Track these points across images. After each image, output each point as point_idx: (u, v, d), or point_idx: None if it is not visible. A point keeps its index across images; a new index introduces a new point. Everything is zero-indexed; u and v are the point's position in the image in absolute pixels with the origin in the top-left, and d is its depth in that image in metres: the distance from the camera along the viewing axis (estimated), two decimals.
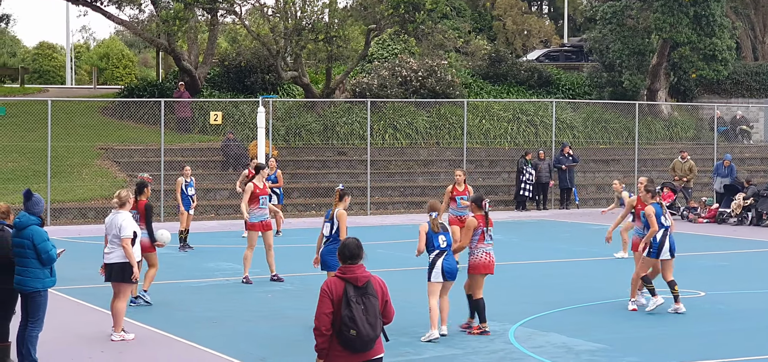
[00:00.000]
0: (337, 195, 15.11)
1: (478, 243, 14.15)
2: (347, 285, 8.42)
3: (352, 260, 8.51)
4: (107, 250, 13.94)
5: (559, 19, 66.10)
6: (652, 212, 15.87)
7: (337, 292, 8.43)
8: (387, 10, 36.35)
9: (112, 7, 39.60)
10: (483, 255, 14.17)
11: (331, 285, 8.48)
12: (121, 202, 14.06)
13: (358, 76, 39.82)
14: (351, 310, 8.33)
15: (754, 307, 16.87)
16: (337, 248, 8.69)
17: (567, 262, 22.55)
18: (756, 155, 42.38)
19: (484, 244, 14.17)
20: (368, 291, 8.46)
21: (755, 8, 49.98)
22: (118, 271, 13.80)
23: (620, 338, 14.28)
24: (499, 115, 39.29)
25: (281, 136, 35.74)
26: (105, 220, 14.28)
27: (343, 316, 8.35)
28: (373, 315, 8.42)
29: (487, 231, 14.17)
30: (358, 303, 8.37)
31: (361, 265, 8.54)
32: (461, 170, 20.95)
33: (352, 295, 8.38)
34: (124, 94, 40.41)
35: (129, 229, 13.80)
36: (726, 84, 44.84)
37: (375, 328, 8.42)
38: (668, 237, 16.01)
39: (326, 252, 14.90)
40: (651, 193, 16.19)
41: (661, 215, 15.99)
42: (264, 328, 14.99)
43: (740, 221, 30.88)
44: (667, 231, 16.00)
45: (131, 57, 74.84)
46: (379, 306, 8.49)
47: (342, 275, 8.49)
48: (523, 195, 34.86)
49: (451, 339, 14.08)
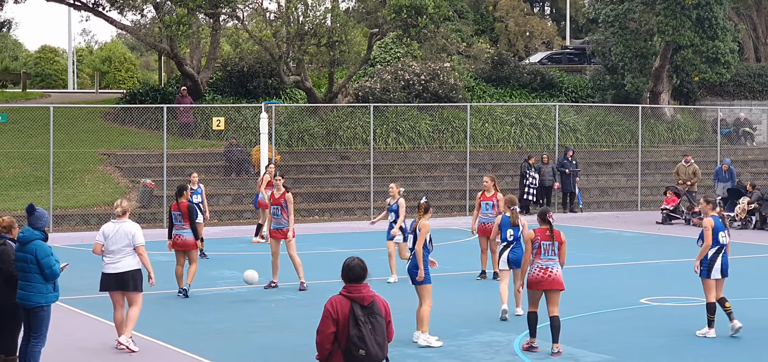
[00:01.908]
0: (421, 208, 14.53)
1: (535, 257, 13.78)
2: (354, 305, 8.36)
3: (358, 281, 8.47)
4: (115, 259, 13.79)
5: (561, 20, 66.00)
6: (710, 225, 14.77)
7: (342, 312, 8.36)
8: (389, 14, 36.29)
9: (114, 11, 39.55)
10: (537, 270, 13.75)
11: (335, 305, 8.39)
12: (123, 211, 14.03)
13: (360, 80, 39.76)
14: (360, 330, 8.27)
15: (761, 315, 16.77)
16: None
17: (571, 269, 22.40)
18: (759, 157, 42.30)
19: (541, 260, 13.74)
20: (374, 311, 8.42)
21: (758, 10, 49.91)
22: (133, 279, 13.79)
23: (626, 349, 14.20)
24: (502, 119, 39.23)
25: (284, 140, 35.68)
26: (105, 229, 14.03)
27: (351, 335, 8.27)
28: (381, 335, 8.38)
29: (552, 246, 13.72)
30: (366, 323, 8.31)
31: (366, 284, 8.49)
32: (489, 175, 20.61)
33: (360, 315, 8.32)
34: (126, 99, 40.36)
35: (142, 237, 13.91)
36: (729, 86, 44.76)
37: (383, 348, 8.37)
38: (722, 256, 14.83)
39: (412, 267, 14.47)
40: (712, 204, 15.09)
41: (720, 231, 14.80)
42: (269, 339, 14.92)
43: (744, 225, 30.81)
44: (722, 249, 14.85)
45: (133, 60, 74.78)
46: (385, 326, 8.43)
47: (348, 294, 8.42)
48: (526, 200, 34.80)
49: (454, 351, 14.01)
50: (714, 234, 14.73)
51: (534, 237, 13.74)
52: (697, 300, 18.03)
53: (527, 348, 13.98)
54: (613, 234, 29.76)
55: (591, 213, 35.76)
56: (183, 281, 18.34)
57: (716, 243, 14.73)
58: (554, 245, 13.69)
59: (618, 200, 37.91)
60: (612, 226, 31.83)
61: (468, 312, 16.91)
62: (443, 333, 14.89)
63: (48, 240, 12.22)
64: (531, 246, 13.73)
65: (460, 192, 35.28)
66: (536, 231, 13.78)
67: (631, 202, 37.65)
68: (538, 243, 13.69)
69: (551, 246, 13.67)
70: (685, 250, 25.99)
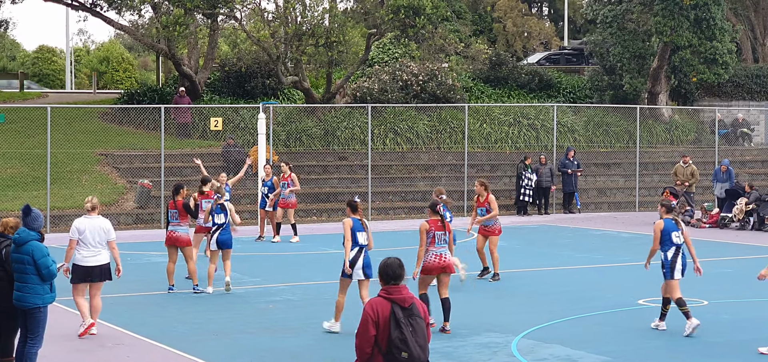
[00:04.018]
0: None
1: (430, 246, 14.99)
2: (394, 306, 8.16)
3: (396, 280, 8.23)
4: (91, 253, 14.56)
5: (559, 21, 66.02)
6: (659, 227, 15.28)
7: (383, 314, 8.14)
8: (387, 15, 36.25)
9: (112, 11, 39.50)
10: (432, 257, 15.02)
11: (376, 307, 8.17)
12: (93, 207, 14.73)
13: (358, 80, 39.73)
14: (402, 332, 8.08)
15: (758, 317, 16.76)
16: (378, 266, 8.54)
17: (570, 270, 22.43)
18: (757, 158, 42.30)
19: (435, 247, 15.00)
20: (415, 313, 8.21)
21: (755, 10, 49.90)
22: (106, 271, 14.76)
23: (625, 350, 14.18)
24: (499, 119, 39.21)
25: (282, 141, 35.65)
26: (79, 225, 14.60)
27: (393, 338, 8.08)
28: (422, 337, 8.20)
29: (444, 235, 15.03)
30: (407, 325, 8.11)
31: (405, 286, 8.28)
32: (479, 181, 20.73)
33: (401, 317, 8.13)
34: (124, 99, 40.31)
35: (114, 232, 14.87)
36: (727, 87, 44.75)
37: (424, 351, 8.19)
38: (681, 257, 15.25)
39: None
40: (665, 208, 15.59)
41: (673, 231, 15.21)
42: (265, 340, 14.88)
43: (742, 226, 30.81)
44: (679, 248, 15.26)
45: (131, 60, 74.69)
46: (425, 328, 8.29)
47: (387, 296, 8.20)
48: (523, 201, 34.79)
49: (451, 352, 13.99)
50: (667, 236, 15.18)
51: (428, 228, 14.98)
52: (693, 302, 18.02)
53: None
54: (610, 235, 29.74)
55: (589, 214, 35.76)
56: (173, 278, 18.81)
57: (672, 244, 15.19)
58: (446, 234, 15.06)
59: (616, 201, 37.91)
60: (610, 227, 31.81)
61: (465, 313, 16.88)
62: (441, 334, 14.89)
63: (44, 241, 12.18)
64: (425, 236, 14.93)
65: (457, 192, 35.24)
66: (430, 222, 15.03)
67: (628, 203, 37.64)
68: (432, 233, 14.97)
69: (443, 236, 15.02)
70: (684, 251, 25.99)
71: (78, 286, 14.81)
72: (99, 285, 14.87)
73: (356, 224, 14.88)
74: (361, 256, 14.84)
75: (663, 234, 15.22)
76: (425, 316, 8.34)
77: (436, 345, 14.11)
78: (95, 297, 14.91)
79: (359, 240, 14.82)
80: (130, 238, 27.29)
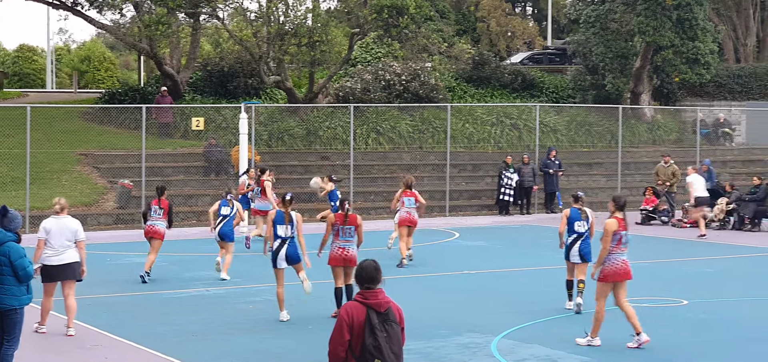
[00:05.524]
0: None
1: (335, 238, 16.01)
2: (370, 311, 8.02)
3: (371, 284, 8.11)
4: (58, 253, 14.62)
5: (542, 21, 66.10)
6: (565, 214, 16.98)
7: (357, 318, 8.01)
8: (370, 14, 36.19)
9: (93, 10, 39.32)
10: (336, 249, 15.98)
11: (351, 311, 8.04)
12: (61, 208, 14.84)
13: (341, 80, 39.66)
14: (376, 338, 7.95)
15: (737, 316, 16.79)
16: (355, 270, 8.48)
17: (550, 270, 22.38)
18: (738, 157, 42.41)
19: (339, 240, 15.94)
20: (390, 318, 8.07)
21: (737, 11, 50.08)
22: (74, 270, 14.77)
23: (604, 350, 14.15)
24: (482, 119, 39.21)
25: (264, 140, 35.55)
26: (46, 226, 14.67)
27: (367, 344, 7.95)
28: (397, 344, 8.06)
29: (348, 229, 15.90)
30: (382, 331, 7.99)
31: (381, 290, 8.13)
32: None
33: (376, 322, 8.00)
34: (106, 98, 40.12)
35: (83, 232, 14.96)
36: (708, 87, 44.89)
37: (399, 357, 8.05)
38: (580, 243, 16.71)
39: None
40: (574, 198, 17.19)
41: (576, 221, 16.74)
42: (246, 340, 14.81)
43: (723, 226, 30.89)
44: (579, 237, 16.70)
45: (113, 59, 74.31)
46: (400, 334, 8.17)
47: (363, 300, 8.07)
48: (504, 200, 34.77)
49: (432, 352, 13.95)
50: (570, 224, 16.79)
51: (333, 220, 16.02)
52: (674, 301, 18.05)
53: (335, 316, 15.13)
54: None
55: None
56: (150, 267, 20.05)
57: (574, 232, 16.71)
58: (350, 229, 15.87)
59: (598, 200, 37.85)
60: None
61: (446, 313, 16.86)
62: (421, 335, 14.84)
63: (21, 242, 12.10)
64: (331, 228, 15.94)
65: (439, 192, 35.22)
66: (336, 216, 16.05)
67: None
68: (337, 227, 15.91)
69: (347, 229, 15.85)
70: (664, 251, 26.05)
71: (47, 286, 14.85)
72: (71, 285, 14.83)
73: (278, 216, 15.97)
74: (284, 247, 15.82)
75: (568, 221, 16.87)
76: (401, 320, 8.23)
77: (416, 345, 14.08)
78: (69, 297, 14.86)
79: (278, 232, 15.82)
80: (110, 239, 27.15)
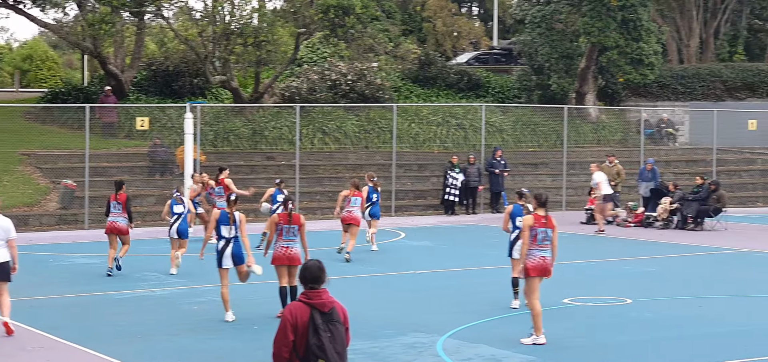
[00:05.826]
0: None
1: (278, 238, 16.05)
2: (314, 312, 7.96)
3: (315, 283, 8.05)
4: None
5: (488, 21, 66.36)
6: (508, 210, 17.53)
7: (301, 319, 7.95)
8: (317, 14, 36.11)
9: (36, 8, 38.83)
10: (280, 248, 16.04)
11: (294, 312, 7.98)
12: None
13: (287, 80, 39.54)
14: (319, 339, 7.89)
15: (680, 315, 16.97)
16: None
17: (495, 269, 22.47)
18: (681, 157, 42.89)
19: (283, 239, 15.99)
20: (334, 318, 8.01)
21: (681, 12, 50.65)
22: (6, 270, 14.93)
23: (548, 349, 14.23)
24: (428, 119, 39.29)
25: (209, 140, 35.32)
26: None
27: (310, 345, 7.90)
28: (341, 344, 8.00)
29: (291, 229, 15.94)
30: (326, 331, 7.94)
31: (325, 290, 8.07)
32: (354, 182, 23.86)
33: (320, 323, 7.95)
34: (48, 98, 39.63)
35: (15, 231, 15.11)
36: (652, 87, 45.36)
37: (343, 357, 8.00)
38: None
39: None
40: (518, 195, 17.60)
41: (517, 216, 16.99)
42: (190, 341, 14.70)
43: (666, 225, 31.21)
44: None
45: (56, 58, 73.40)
46: (344, 334, 8.14)
47: (307, 300, 8.00)
48: (449, 201, 34.87)
49: (377, 352, 13.94)
50: (513, 219, 17.23)
51: (277, 220, 16.06)
52: (619, 300, 18.21)
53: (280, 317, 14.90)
54: None
55: None
56: (113, 262, 20.47)
57: (516, 228, 17.02)
58: (294, 228, 15.94)
59: None
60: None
61: (392, 313, 16.86)
62: (367, 334, 14.82)
63: None
64: (275, 227, 16.01)
65: (385, 192, 35.14)
66: (279, 216, 16.10)
67: (555, 202, 37.84)
68: (280, 226, 15.97)
69: (290, 229, 15.92)
70: (609, 250, 26.28)
71: None
72: (2, 285, 14.88)
73: (222, 217, 16.03)
74: (229, 247, 15.94)
75: (511, 217, 17.26)
76: (345, 320, 8.19)
77: (362, 345, 14.06)
78: (1, 295, 14.92)
79: (223, 232, 15.93)
80: (53, 239, 26.83)
